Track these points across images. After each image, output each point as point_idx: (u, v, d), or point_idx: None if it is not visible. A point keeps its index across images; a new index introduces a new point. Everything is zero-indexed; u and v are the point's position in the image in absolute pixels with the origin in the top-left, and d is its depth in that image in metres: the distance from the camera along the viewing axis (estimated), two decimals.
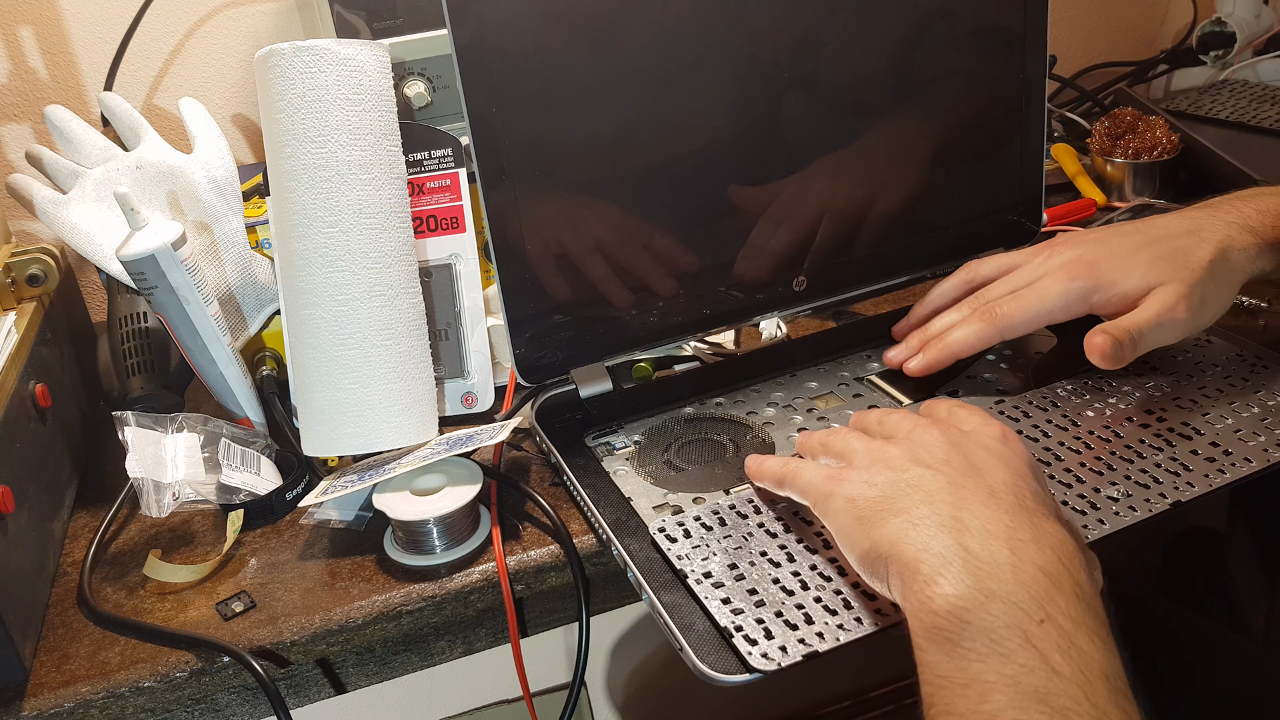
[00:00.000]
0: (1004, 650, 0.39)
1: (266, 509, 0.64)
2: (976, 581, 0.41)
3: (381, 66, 0.62)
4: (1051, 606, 0.40)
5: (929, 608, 0.41)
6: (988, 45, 0.72)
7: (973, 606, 0.40)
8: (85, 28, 0.91)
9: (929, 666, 0.41)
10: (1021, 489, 0.46)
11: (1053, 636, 0.39)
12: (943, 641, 0.40)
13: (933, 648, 0.41)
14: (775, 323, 0.78)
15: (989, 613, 0.40)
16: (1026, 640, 0.39)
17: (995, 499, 0.45)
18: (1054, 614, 0.40)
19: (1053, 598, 0.40)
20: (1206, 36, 1.12)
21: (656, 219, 0.66)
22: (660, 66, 0.63)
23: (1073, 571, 0.42)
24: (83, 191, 0.74)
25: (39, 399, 0.65)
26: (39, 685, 0.54)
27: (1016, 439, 0.50)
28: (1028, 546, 0.42)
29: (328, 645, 0.57)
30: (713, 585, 0.51)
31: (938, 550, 0.43)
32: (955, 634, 0.40)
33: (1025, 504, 0.45)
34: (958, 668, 0.40)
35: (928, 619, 0.41)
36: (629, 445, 0.64)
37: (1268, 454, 0.57)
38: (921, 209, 0.73)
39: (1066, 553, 0.43)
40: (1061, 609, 0.40)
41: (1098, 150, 0.94)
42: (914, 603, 0.42)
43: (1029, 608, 0.40)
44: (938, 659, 0.41)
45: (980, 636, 0.40)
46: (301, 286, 0.62)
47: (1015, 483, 0.46)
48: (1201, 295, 0.58)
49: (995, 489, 0.45)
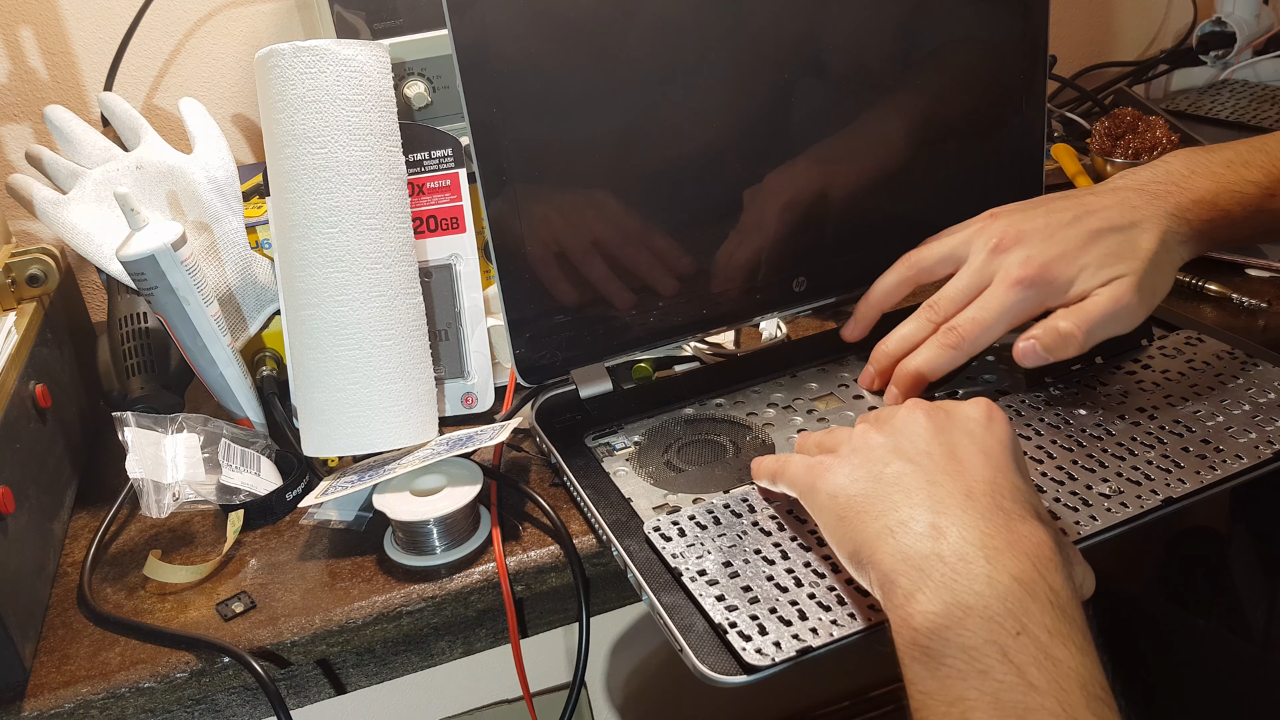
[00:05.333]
0: (982, 666, 0.40)
1: (266, 509, 0.64)
2: (953, 596, 0.42)
3: (381, 67, 0.62)
4: (1027, 618, 0.41)
5: (909, 624, 0.42)
6: (987, 45, 0.72)
7: (951, 624, 0.41)
8: (85, 28, 0.91)
9: (913, 683, 0.42)
10: (1000, 485, 0.46)
11: (1029, 649, 0.40)
12: (924, 659, 0.42)
13: (916, 665, 0.42)
14: (775, 323, 0.78)
15: (966, 629, 0.41)
16: (1004, 655, 0.40)
17: (972, 500, 0.45)
18: (1029, 625, 0.41)
19: (1027, 608, 0.41)
20: (1206, 36, 1.12)
21: (657, 219, 0.66)
22: (660, 66, 0.63)
23: (1047, 577, 0.42)
24: (83, 191, 0.74)
25: (39, 399, 0.65)
26: (39, 685, 0.54)
27: (1002, 419, 0.50)
28: (1003, 554, 0.43)
29: (328, 645, 0.57)
30: (707, 583, 0.51)
31: (915, 561, 0.43)
32: (936, 651, 0.41)
33: (1001, 505, 0.45)
34: (940, 686, 0.41)
35: (908, 635, 0.42)
36: (629, 446, 0.64)
37: (1259, 451, 0.58)
38: (922, 209, 0.73)
39: (1042, 557, 0.43)
40: (1037, 619, 0.41)
41: (1098, 150, 0.94)
42: (895, 617, 0.43)
43: (1005, 621, 0.41)
44: (921, 675, 0.42)
45: (960, 654, 0.41)
46: (301, 286, 0.62)
47: (994, 479, 0.47)
48: (1152, 285, 0.59)
49: (972, 488, 0.46)
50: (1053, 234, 0.61)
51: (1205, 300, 0.76)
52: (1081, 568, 0.47)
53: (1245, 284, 0.77)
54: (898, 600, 0.43)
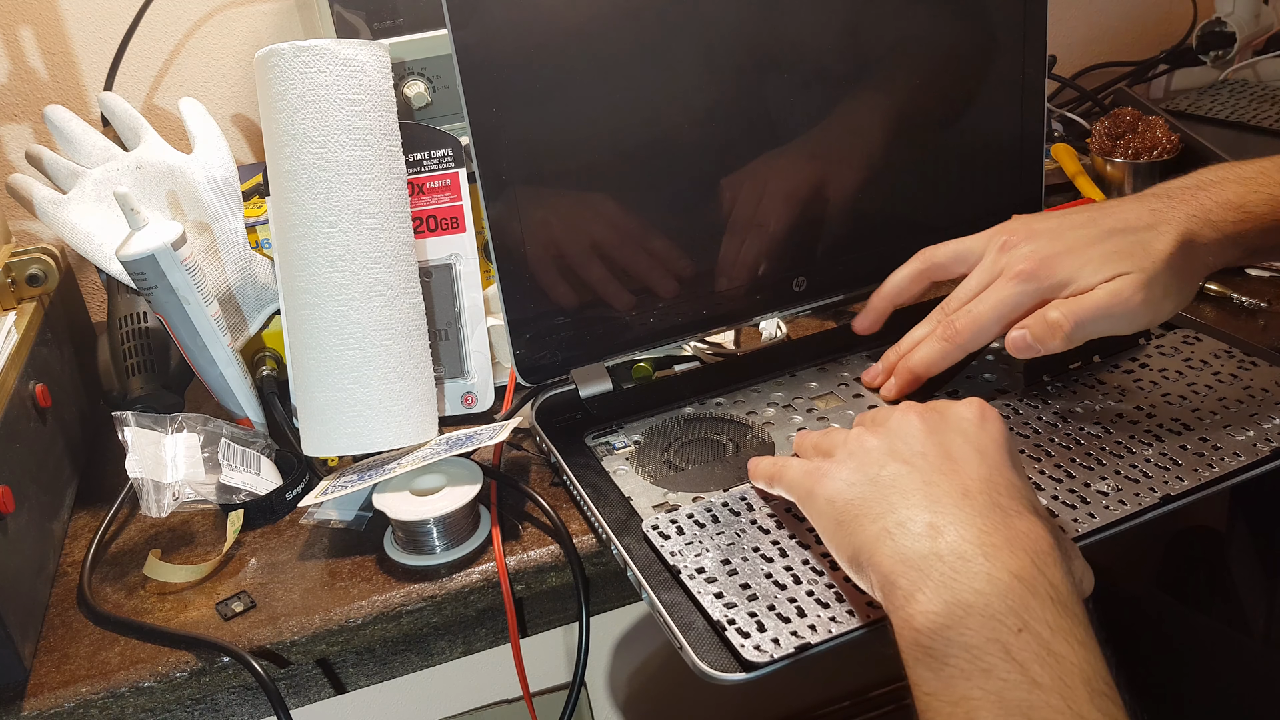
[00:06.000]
0: (985, 665, 0.40)
1: (266, 509, 0.64)
2: (953, 595, 0.42)
3: (381, 66, 0.62)
4: (1028, 614, 0.41)
5: (911, 625, 0.42)
6: (987, 46, 0.72)
7: (952, 623, 0.41)
8: (85, 28, 0.91)
9: (917, 684, 0.42)
10: (996, 482, 0.46)
11: (1031, 646, 0.40)
12: (927, 659, 0.41)
13: (919, 666, 0.42)
14: (775, 323, 0.78)
15: (968, 628, 0.41)
16: (1006, 653, 0.40)
17: (969, 499, 0.45)
18: (1031, 622, 0.41)
19: (1028, 604, 0.41)
20: (1206, 36, 1.12)
21: (657, 219, 0.66)
22: (660, 67, 0.63)
23: (1047, 572, 0.42)
24: (83, 191, 0.74)
25: (39, 399, 0.65)
26: (39, 685, 0.54)
27: (995, 417, 0.50)
28: (1001, 551, 0.43)
29: (328, 645, 0.57)
30: (706, 580, 0.51)
31: (914, 561, 0.43)
32: (938, 652, 0.41)
33: (998, 502, 0.45)
34: (944, 685, 0.41)
35: (910, 635, 0.42)
36: (629, 445, 0.64)
37: (1256, 449, 0.58)
38: (921, 209, 0.74)
39: (1040, 552, 0.43)
40: (1038, 615, 0.41)
41: (1098, 150, 0.94)
42: (897, 619, 0.43)
43: (1006, 619, 0.41)
44: (925, 675, 0.42)
45: (962, 653, 0.40)
46: (301, 286, 0.62)
47: (990, 476, 0.47)
48: (1164, 287, 0.57)
49: (969, 487, 0.46)
50: (1062, 233, 0.61)
51: (1205, 299, 0.77)
52: (1080, 564, 0.47)
53: (1245, 283, 0.77)
54: (898, 601, 0.43)
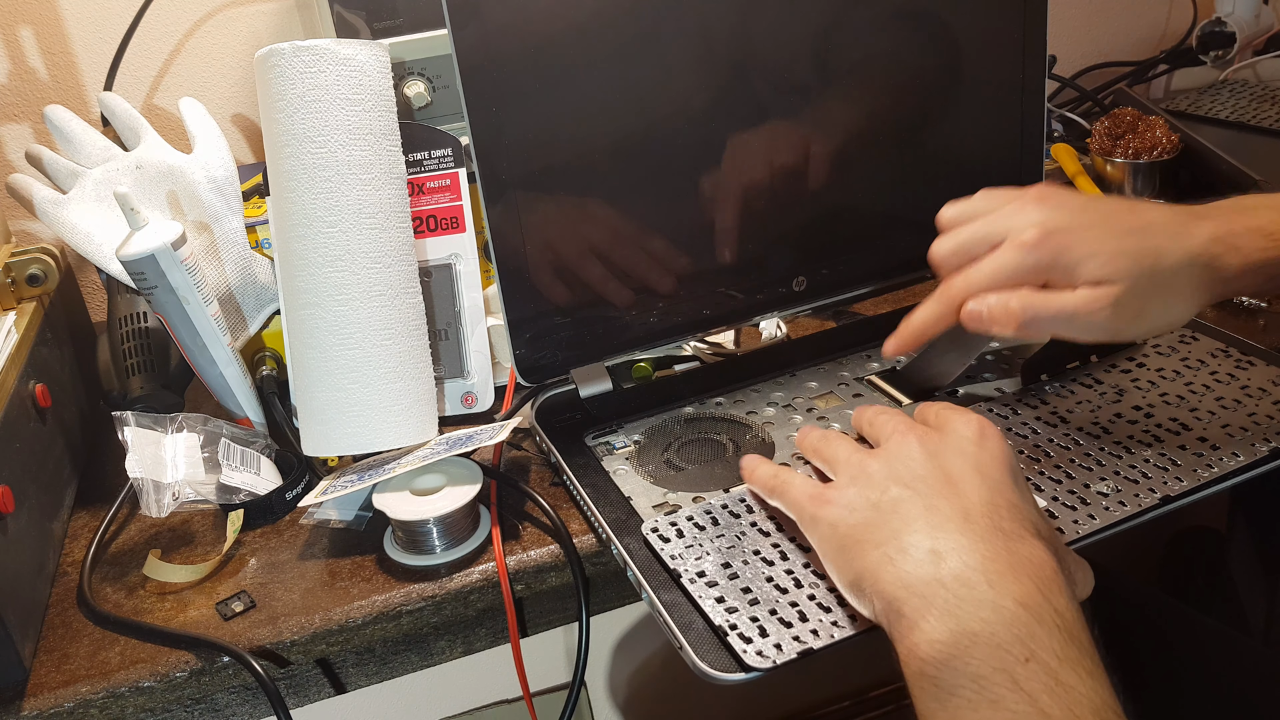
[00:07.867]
0: (993, 696, 0.39)
1: (266, 509, 0.64)
2: (959, 624, 0.41)
3: (381, 66, 0.62)
4: (1035, 643, 0.40)
5: (916, 654, 0.42)
6: (988, 46, 0.72)
7: (958, 652, 0.41)
8: (85, 28, 0.91)
9: (924, 715, 0.42)
10: (997, 504, 0.46)
11: (1040, 676, 0.39)
12: (934, 690, 0.41)
13: (926, 697, 0.41)
14: (775, 323, 0.78)
15: (974, 657, 0.40)
16: (1014, 684, 0.39)
17: (970, 523, 0.45)
18: (1038, 651, 0.40)
19: (1034, 633, 0.40)
20: (1206, 36, 1.12)
21: (656, 219, 0.66)
22: (661, 68, 0.63)
23: (1052, 600, 0.42)
24: (83, 191, 0.74)
25: (39, 399, 0.65)
26: (39, 685, 0.54)
27: (995, 434, 0.50)
28: (1005, 578, 0.42)
29: (328, 645, 0.57)
30: (706, 584, 0.51)
31: (917, 588, 0.43)
32: (946, 683, 0.41)
33: (1000, 526, 0.45)
34: (952, 717, 0.40)
35: (916, 665, 0.42)
36: (629, 445, 0.64)
37: (1255, 449, 0.58)
38: (922, 208, 0.73)
39: (1044, 578, 0.43)
40: (1044, 644, 0.40)
41: (1098, 150, 0.94)
42: (902, 647, 0.43)
43: (1013, 648, 0.40)
44: (932, 707, 0.41)
45: (969, 684, 0.40)
46: (301, 286, 0.62)
47: (991, 498, 0.46)
48: (1140, 308, 0.53)
49: (970, 510, 0.45)
50: (1087, 208, 0.55)
51: None
52: (1081, 570, 0.46)
53: None
54: (903, 629, 0.42)
